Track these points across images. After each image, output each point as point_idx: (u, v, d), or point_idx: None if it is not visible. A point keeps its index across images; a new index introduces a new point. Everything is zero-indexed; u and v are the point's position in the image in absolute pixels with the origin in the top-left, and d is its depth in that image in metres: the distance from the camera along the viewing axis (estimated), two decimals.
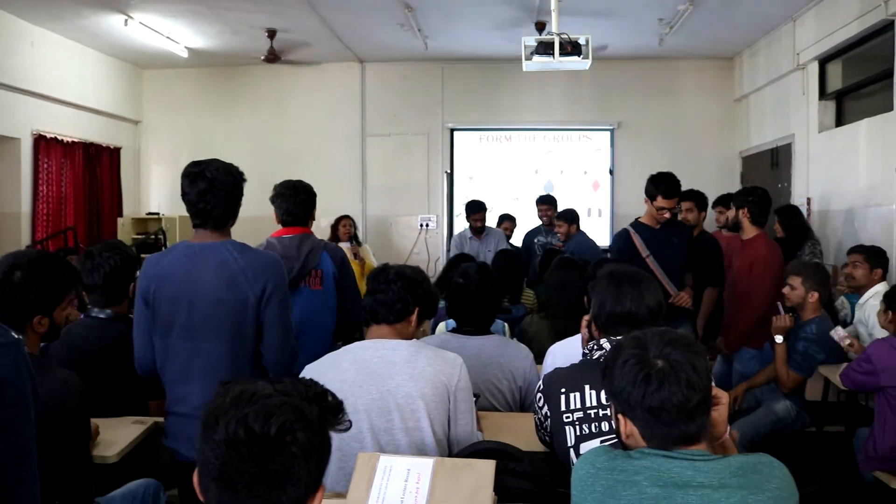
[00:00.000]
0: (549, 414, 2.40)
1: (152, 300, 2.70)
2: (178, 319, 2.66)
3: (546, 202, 7.66)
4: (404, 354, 2.41)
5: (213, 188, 2.71)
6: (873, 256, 4.89)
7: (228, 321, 2.63)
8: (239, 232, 2.84)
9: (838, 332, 4.22)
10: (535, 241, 7.52)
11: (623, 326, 2.39)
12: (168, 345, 2.71)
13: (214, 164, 2.77)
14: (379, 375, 2.37)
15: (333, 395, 1.36)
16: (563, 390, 2.37)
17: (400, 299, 2.49)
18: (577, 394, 2.35)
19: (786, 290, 4.42)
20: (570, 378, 2.41)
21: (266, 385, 1.28)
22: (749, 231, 4.91)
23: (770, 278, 4.70)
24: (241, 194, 2.85)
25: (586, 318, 2.65)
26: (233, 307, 2.64)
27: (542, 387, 2.46)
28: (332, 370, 2.41)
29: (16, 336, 1.82)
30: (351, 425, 1.34)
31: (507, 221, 8.13)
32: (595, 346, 2.41)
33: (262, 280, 2.65)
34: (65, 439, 2.32)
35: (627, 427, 1.72)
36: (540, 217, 7.66)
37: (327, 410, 1.31)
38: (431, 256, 9.33)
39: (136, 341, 2.81)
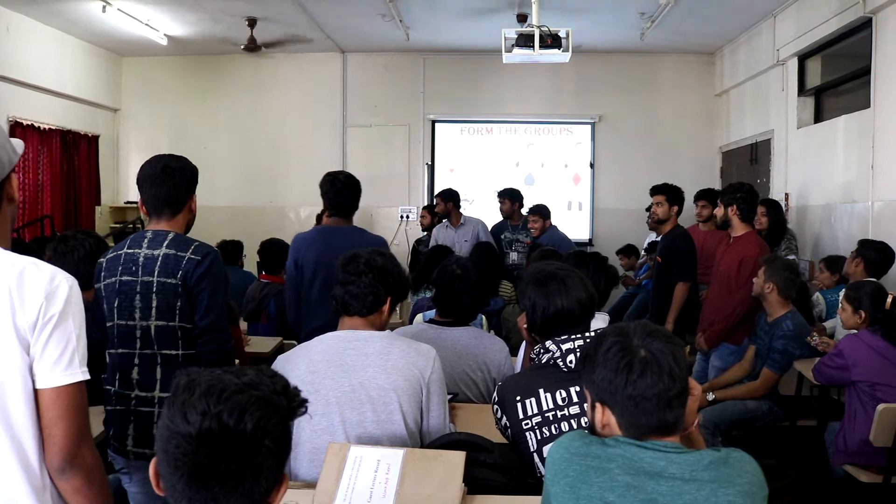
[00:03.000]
0: (507, 424, 2.40)
1: (301, 262, 3.88)
2: (319, 275, 3.84)
3: (505, 195, 7.59)
4: (378, 346, 2.39)
5: (347, 187, 4.06)
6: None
7: None
8: (218, 219, 2.87)
9: (814, 339, 4.28)
10: (502, 237, 7.47)
11: (559, 326, 2.41)
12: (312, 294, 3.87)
13: (345, 172, 4.17)
14: (351, 367, 2.35)
15: (294, 386, 1.35)
16: (517, 398, 2.37)
17: (372, 291, 2.45)
18: (533, 399, 2.35)
19: (754, 278, 4.46)
20: (522, 385, 2.41)
21: (232, 377, 1.26)
22: (738, 228, 4.92)
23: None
24: (359, 193, 4.16)
25: (523, 322, 2.60)
26: None
27: (496, 398, 2.45)
28: (303, 361, 2.39)
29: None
30: (307, 412, 1.32)
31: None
32: (542, 350, 2.40)
33: None
34: None
35: (604, 416, 1.73)
36: (501, 210, 7.62)
37: (292, 401, 1.30)
38: (411, 248, 9.30)
39: (289, 297, 4.00)
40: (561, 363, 2.34)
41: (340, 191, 4.06)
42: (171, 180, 2.80)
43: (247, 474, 1.21)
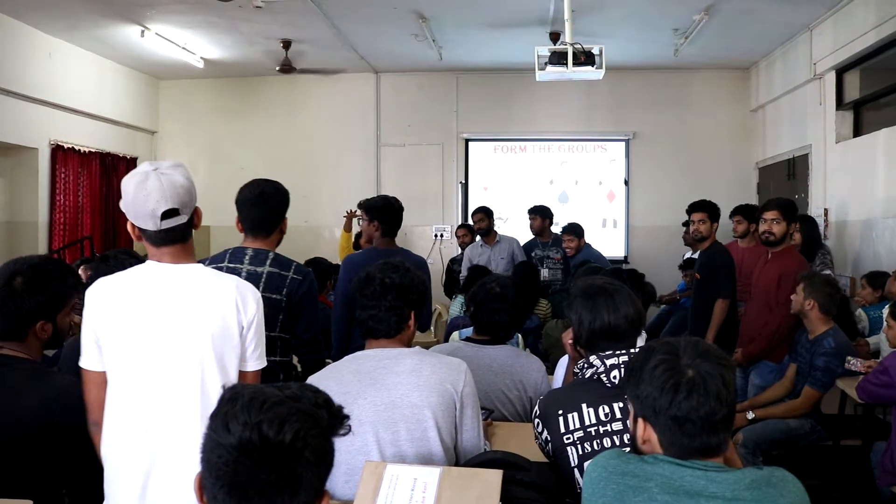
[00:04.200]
0: (549, 438, 2.38)
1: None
2: None
3: (535, 212, 7.58)
4: (409, 364, 2.37)
5: (392, 211, 4.18)
6: None
7: None
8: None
9: (852, 362, 4.18)
10: (533, 254, 7.46)
11: (605, 341, 2.38)
12: None
13: (390, 196, 4.31)
14: (383, 386, 2.33)
15: (338, 404, 1.36)
16: (560, 412, 2.35)
17: (395, 313, 2.42)
18: (575, 414, 2.33)
19: (793, 296, 4.39)
20: (565, 399, 2.39)
21: (275, 391, 1.28)
22: (784, 243, 4.87)
23: None
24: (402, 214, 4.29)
25: (568, 337, 2.59)
26: None
27: (538, 412, 2.43)
28: (334, 382, 2.38)
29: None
30: (350, 430, 1.34)
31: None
32: (585, 365, 2.38)
33: None
34: (68, 446, 2.31)
35: (646, 432, 1.71)
36: (531, 227, 7.59)
37: (334, 416, 1.31)
38: (445, 266, 9.29)
39: (339, 315, 4.06)
40: (605, 378, 2.31)
41: (391, 214, 4.27)
42: (266, 204, 3.15)
43: (286, 486, 1.22)
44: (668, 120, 9.57)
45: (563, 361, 3.22)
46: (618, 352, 2.34)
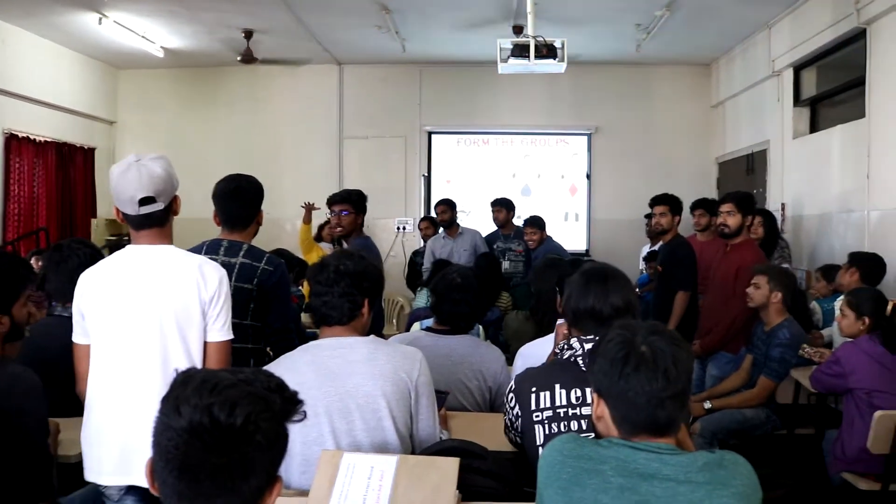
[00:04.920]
0: (519, 414, 2.39)
1: None
2: None
3: (500, 205, 7.59)
4: (363, 352, 2.37)
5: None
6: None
7: None
8: (215, 230, 3.33)
9: (806, 350, 4.27)
10: (495, 246, 7.46)
11: (588, 322, 2.39)
12: None
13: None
14: (338, 376, 2.33)
15: (293, 390, 1.35)
16: (533, 389, 2.37)
17: (348, 299, 2.41)
18: (547, 392, 2.34)
19: (749, 289, 4.44)
20: (540, 377, 2.40)
21: (227, 374, 1.28)
22: (741, 236, 4.93)
23: None
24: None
25: (563, 328, 2.62)
26: None
27: (513, 386, 2.46)
28: (290, 372, 2.35)
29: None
30: (305, 416, 1.33)
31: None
32: (566, 346, 2.40)
33: None
34: (20, 436, 2.28)
35: (600, 408, 1.73)
36: (496, 219, 7.61)
37: (287, 401, 1.31)
38: (408, 259, 9.28)
39: None
40: (581, 361, 2.33)
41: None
42: (242, 198, 3.28)
43: (237, 470, 1.21)
44: (630, 115, 9.64)
45: (524, 351, 3.23)
46: (598, 336, 2.35)
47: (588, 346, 2.32)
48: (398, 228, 9.72)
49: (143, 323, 2.41)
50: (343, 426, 2.30)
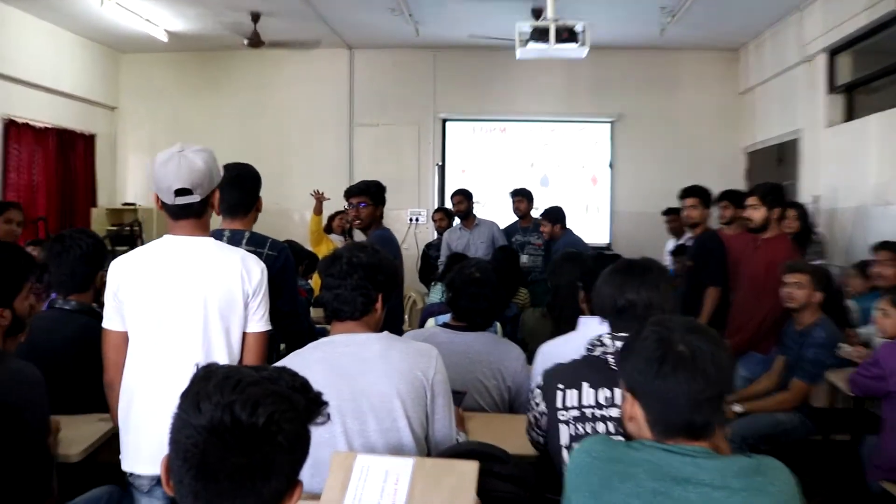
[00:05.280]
0: (545, 411, 2.38)
1: None
2: None
3: (522, 195, 7.56)
4: (376, 349, 2.34)
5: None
6: None
7: None
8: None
9: (845, 349, 4.21)
10: (514, 239, 7.42)
11: (622, 318, 2.35)
12: None
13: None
14: (350, 374, 2.29)
15: (312, 387, 1.36)
16: (560, 386, 2.35)
17: (361, 293, 2.38)
18: (575, 391, 2.32)
19: (790, 288, 4.36)
20: (568, 374, 2.38)
21: (251, 371, 1.27)
22: (772, 230, 4.87)
23: None
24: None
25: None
26: None
27: (540, 382, 2.44)
28: (300, 371, 2.34)
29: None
30: (329, 418, 1.34)
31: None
32: (597, 342, 2.36)
33: None
34: (21, 433, 2.27)
35: (632, 408, 1.71)
36: (517, 210, 7.57)
37: (312, 402, 1.31)
38: (421, 252, 9.25)
39: None
40: (612, 359, 2.29)
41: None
42: (242, 186, 3.34)
43: (257, 471, 1.21)
44: (654, 102, 9.57)
45: (544, 350, 3.19)
46: (625, 335, 2.30)
47: (619, 343, 2.29)
48: (411, 220, 9.70)
49: (188, 312, 2.55)
50: (356, 427, 2.26)
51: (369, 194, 4.73)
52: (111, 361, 2.63)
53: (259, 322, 2.68)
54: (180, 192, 2.51)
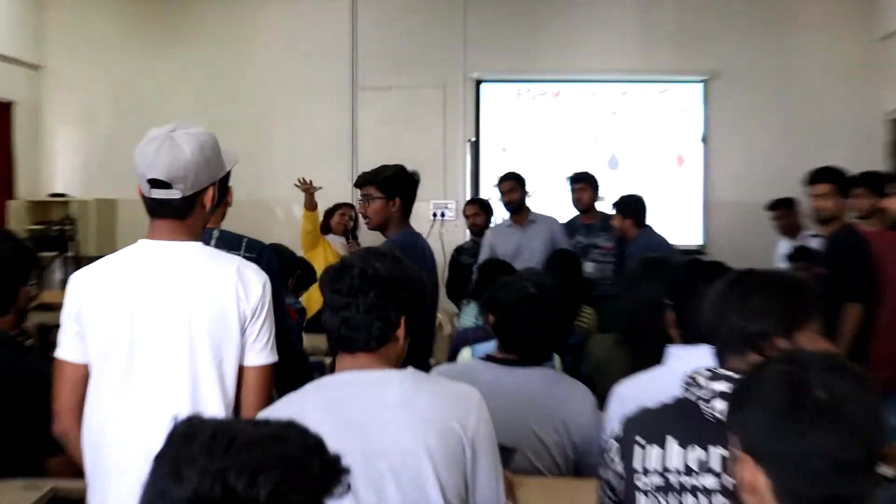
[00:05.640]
0: (622, 472, 2.35)
1: None
2: None
3: (584, 180, 7.60)
4: (397, 392, 2.31)
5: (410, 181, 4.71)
6: None
7: None
8: None
9: None
10: (575, 241, 7.41)
11: (733, 348, 2.29)
12: None
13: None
14: (362, 425, 2.26)
15: (328, 448, 1.34)
16: (639, 440, 2.32)
17: (378, 315, 2.35)
18: (656, 448, 2.28)
19: None
20: (650, 423, 2.35)
21: (249, 427, 1.27)
22: None
23: None
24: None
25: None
26: None
27: (619, 432, 2.42)
28: (294, 418, 2.31)
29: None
30: (350, 489, 1.31)
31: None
32: (690, 381, 2.30)
33: None
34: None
35: (755, 477, 1.64)
36: (578, 202, 7.61)
37: (328, 467, 1.29)
38: (448, 258, 9.23)
39: None
40: (705, 407, 2.23)
41: (411, 184, 4.75)
42: None
43: None
44: (761, 54, 9.53)
45: (621, 392, 3.14)
46: (730, 374, 2.24)
47: (716, 384, 2.22)
48: (434, 215, 9.70)
49: (169, 340, 2.58)
50: (371, 497, 2.23)
51: (377, 182, 4.63)
52: (65, 404, 2.64)
53: (261, 353, 2.70)
54: (155, 184, 2.55)
